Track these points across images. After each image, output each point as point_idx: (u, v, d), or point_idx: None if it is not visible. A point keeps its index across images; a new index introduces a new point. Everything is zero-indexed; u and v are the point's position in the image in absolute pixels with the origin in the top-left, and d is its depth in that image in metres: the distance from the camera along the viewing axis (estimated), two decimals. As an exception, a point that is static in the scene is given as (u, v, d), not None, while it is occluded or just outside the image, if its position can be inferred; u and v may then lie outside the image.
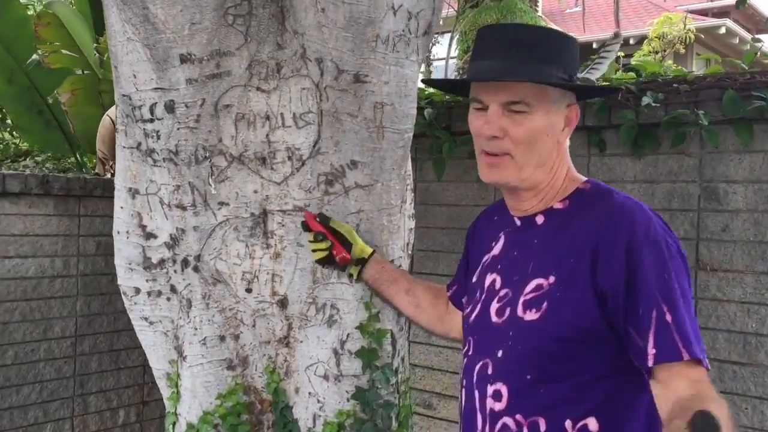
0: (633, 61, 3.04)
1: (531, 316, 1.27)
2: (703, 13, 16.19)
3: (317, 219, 1.74)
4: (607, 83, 2.79)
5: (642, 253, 1.18)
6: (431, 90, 3.23)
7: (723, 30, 15.27)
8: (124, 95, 1.78)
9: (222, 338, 1.84)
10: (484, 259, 1.47)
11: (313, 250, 1.73)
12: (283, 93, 1.73)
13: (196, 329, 1.84)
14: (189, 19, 1.62)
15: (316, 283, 1.82)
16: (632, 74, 2.90)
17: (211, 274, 1.81)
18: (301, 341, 1.85)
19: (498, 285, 1.38)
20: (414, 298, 1.71)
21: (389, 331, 1.86)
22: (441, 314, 1.69)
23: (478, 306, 1.42)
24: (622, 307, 1.19)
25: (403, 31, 1.73)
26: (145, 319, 1.90)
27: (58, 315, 3.60)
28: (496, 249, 1.45)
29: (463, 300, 1.56)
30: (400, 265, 1.88)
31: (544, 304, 1.26)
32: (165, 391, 1.96)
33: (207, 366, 1.83)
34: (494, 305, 1.37)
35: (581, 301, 1.22)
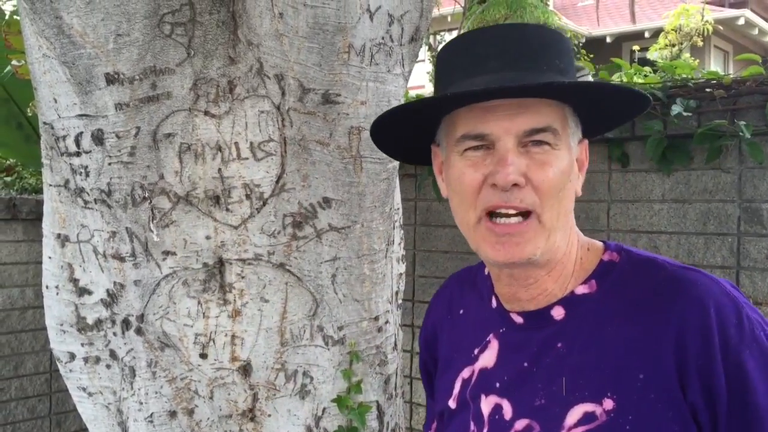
0: (659, 62, 2.68)
1: None
2: (720, 3, 15.69)
3: None
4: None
5: (743, 359, 0.84)
6: (420, 92, 2.85)
7: (742, 21, 14.81)
8: (45, 123, 1.47)
9: (173, 414, 1.52)
10: (464, 375, 1.05)
11: None
12: (237, 118, 1.41)
13: (141, 403, 1.53)
14: (113, 30, 1.30)
15: (285, 345, 1.50)
16: (657, 77, 2.55)
17: (158, 337, 1.49)
18: (270, 415, 1.53)
19: (508, 414, 0.96)
20: None
21: (374, 403, 1.54)
22: None
23: None
24: None
25: (383, 38, 1.41)
26: (83, 389, 1.59)
27: (30, 349, 3.36)
28: (486, 359, 1.02)
29: None
30: (387, 321, 1.56)
31: None
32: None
33: (155, 447, 1.52)
34: None
35: None
